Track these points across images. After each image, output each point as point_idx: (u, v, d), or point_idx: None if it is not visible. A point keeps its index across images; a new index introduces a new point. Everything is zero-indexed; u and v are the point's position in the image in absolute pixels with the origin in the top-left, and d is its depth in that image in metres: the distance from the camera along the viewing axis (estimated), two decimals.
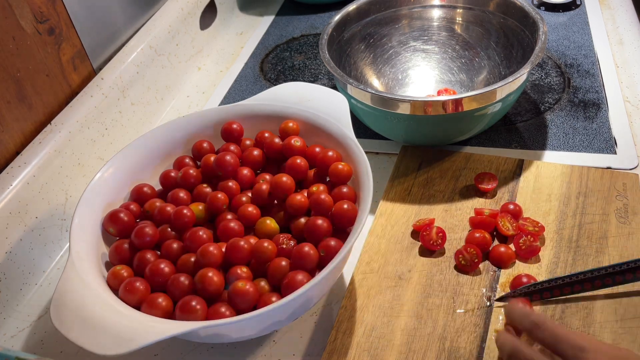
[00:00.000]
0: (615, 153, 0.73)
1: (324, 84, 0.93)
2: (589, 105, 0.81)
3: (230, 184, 0.64)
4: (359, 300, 0.59)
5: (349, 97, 0.73)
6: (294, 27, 1.10)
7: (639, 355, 0.46)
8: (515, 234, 0.62)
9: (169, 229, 0.60)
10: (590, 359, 0.43)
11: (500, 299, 0.58)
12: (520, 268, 0.60)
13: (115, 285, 0.55)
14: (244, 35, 1.11)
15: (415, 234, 0.65)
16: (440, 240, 0.63)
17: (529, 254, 0.61)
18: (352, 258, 0.64)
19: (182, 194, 0.63)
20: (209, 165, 0.65)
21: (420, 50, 0.89)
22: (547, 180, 0.69)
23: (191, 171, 0.65)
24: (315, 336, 0.59)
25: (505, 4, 0.81)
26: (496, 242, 0.64)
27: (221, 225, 0.60)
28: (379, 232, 0.66)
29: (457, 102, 0.67)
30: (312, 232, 0.57)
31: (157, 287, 0.55)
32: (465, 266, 0.61)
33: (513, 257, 0.61)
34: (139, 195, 0.64)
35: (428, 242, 0.63)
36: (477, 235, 0.62)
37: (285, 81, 0.90)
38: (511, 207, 0.65)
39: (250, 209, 0.61)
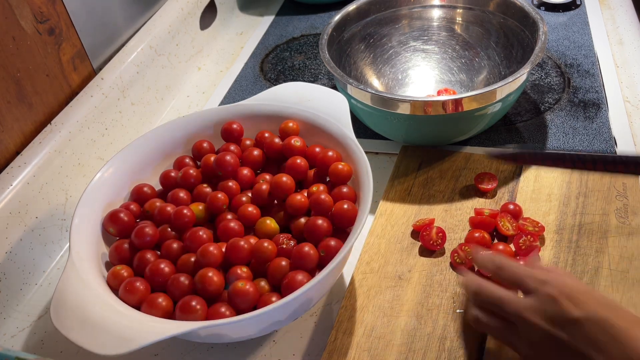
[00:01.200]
0: (615, 153, 0.73)
1: (324, 84, 0.93)
2: (589, 105, 0.81)
3: (230, 184, 0.64)
4: (359, 300, 0.59)
5: (349, 97, 0.73)
6: (294, 27, 1.10)
7: (603, 294, 0.47)
8: (515, 234, 0.62)
9: (169, 229, 0.60)
10: (550, 290, 0.45)
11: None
12: None
13: (115, 285, 0.55)
14: (244, 35, 1.11)
15: (415, 234, 0.65)
16: (440, 241, 0.63)
17: (529, 254, 0.61)
18: (352, 258, 0.64)
19: (182, 194, 0.63)
20: (209, 165, 0.65)
21: (420, 50, 0.89)
22: (547, 180, 0.69)
23: (191, 171, 0.65)
24: (315, 336, 0.59)
25: (505, 4, 0.81)
26: (496, 242, 0.63)
27: (221, 225, 0.60)
28: (379, 232, 0.66)
29: (457, 102, 0.67)
30: (312, 232, 0.57)
31: (157, 287, 0.55)
32: (460, 264, 0.61)
33: (513, 257, 0.61)
34: (139, 195, 0.64)
35: (428, 242, 0.63)
36: (477, 235, 0.62)
37: (285, 81, 0.90)
38: (511, 207, 0.65)
39: (250, 209, 0.61)
